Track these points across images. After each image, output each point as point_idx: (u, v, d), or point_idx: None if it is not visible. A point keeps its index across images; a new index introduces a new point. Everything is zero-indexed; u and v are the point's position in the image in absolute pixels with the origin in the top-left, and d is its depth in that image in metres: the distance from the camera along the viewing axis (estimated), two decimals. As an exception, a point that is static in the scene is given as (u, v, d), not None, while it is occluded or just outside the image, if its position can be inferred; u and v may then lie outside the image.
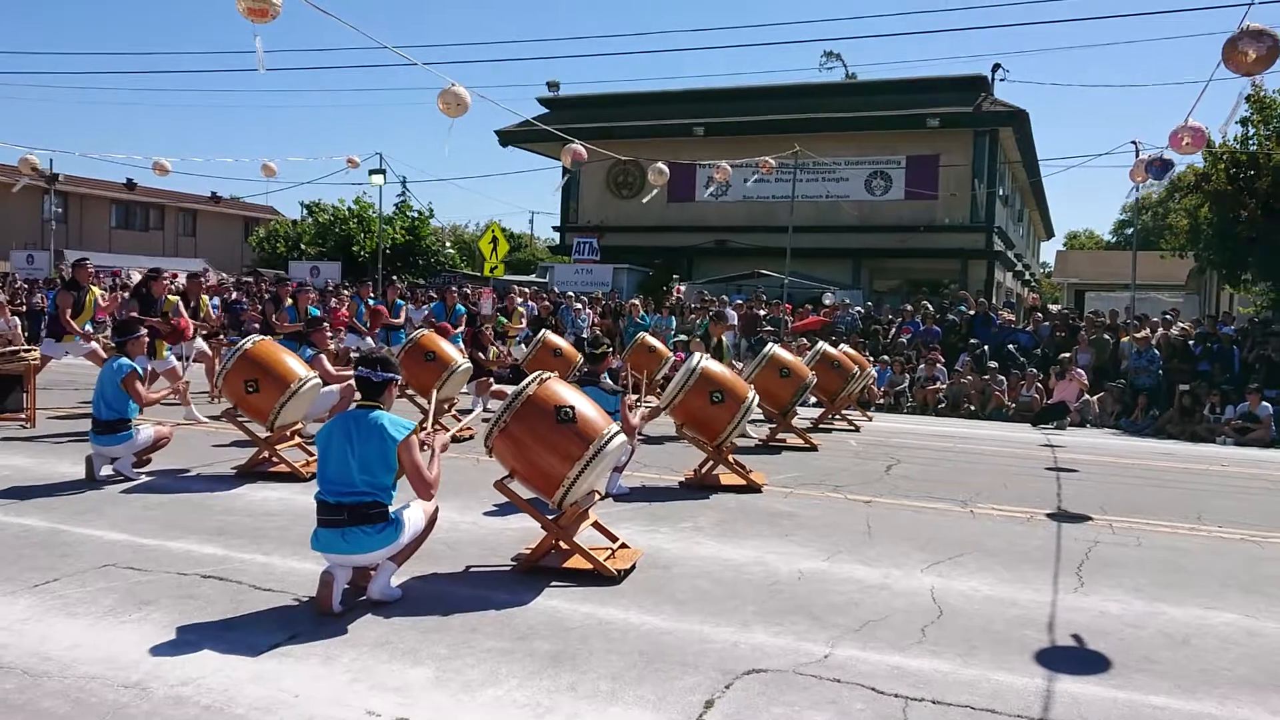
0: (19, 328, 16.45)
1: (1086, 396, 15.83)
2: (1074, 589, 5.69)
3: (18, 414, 10.26)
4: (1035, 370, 16.54)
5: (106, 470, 7.69)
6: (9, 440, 9.37)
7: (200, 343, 12.42)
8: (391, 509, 4.88)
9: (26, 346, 10.82)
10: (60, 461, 8.33)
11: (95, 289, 11.71)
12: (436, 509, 5.19)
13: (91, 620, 4.53)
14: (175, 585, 5.07)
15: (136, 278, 14.62)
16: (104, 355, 10.73)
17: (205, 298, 13.71)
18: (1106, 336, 17.42)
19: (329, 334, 10.82)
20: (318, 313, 13.18)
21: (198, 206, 51.36)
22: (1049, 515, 7.84)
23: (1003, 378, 16.60)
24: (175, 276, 18.77)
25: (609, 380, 7.91)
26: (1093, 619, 5.12)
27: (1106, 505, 8.35)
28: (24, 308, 21.70)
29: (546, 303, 20.61)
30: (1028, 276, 41.83)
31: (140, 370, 7.98)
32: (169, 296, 11.84)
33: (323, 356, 9.92)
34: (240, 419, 8.20)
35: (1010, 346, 17.89)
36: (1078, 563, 6.29)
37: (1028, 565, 6.18)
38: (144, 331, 8.57)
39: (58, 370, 13.66)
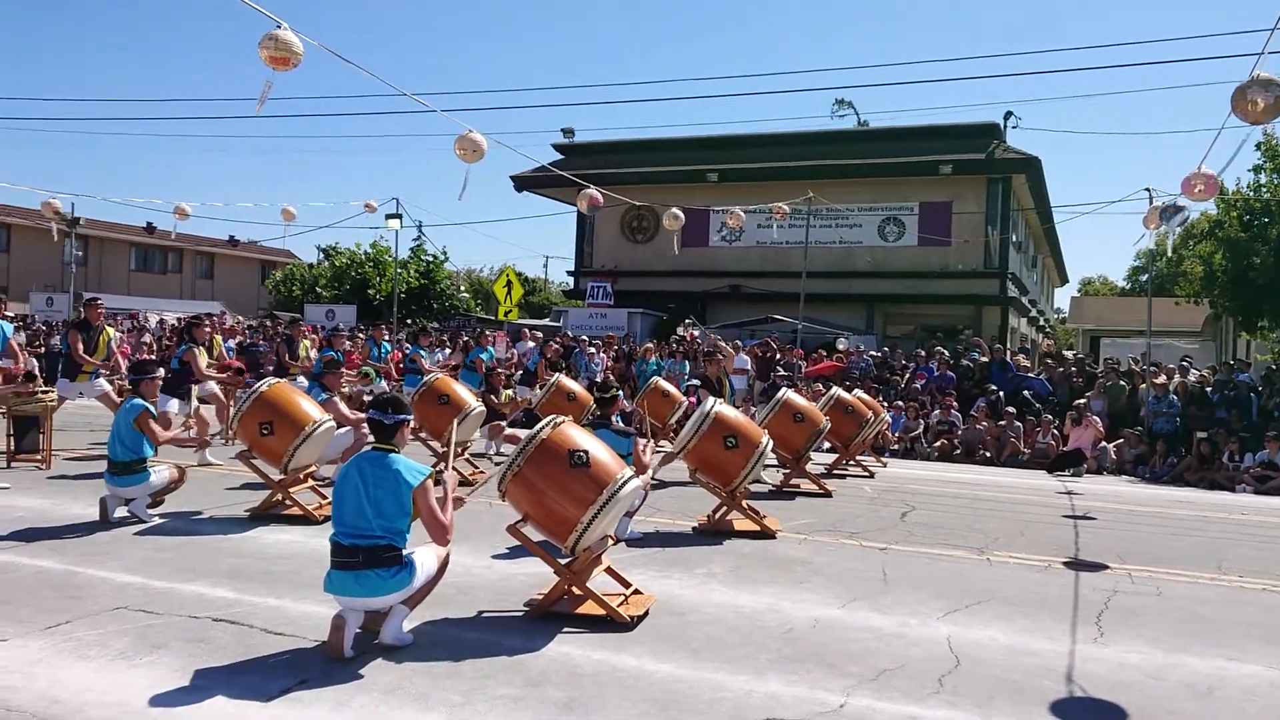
0: (37, 368, 16.54)
1: (1104, 443, 15.71)
2: (1093, 639, 5.60)
3: (34, 455, 10.32)
4: (1051, 417, 16.45)
5: (121, 512, 7.70)
6: (31, 478, 9.41)
7: (211, 385, 12.19)
8: (405, 552, 4.87)
9: (44, 388, 10.86)
10: (74, 503, 8.35)
11: (110, 329, 11.75)
12: (448, 553, 5.17)
13: (103, 663, 4.51)
14: (186, 628, 5.05)
15: (154, 320, 14.72)
16: (116, 398, 10.78)
17: (219, 339, 13.74)
18: (1122, 383, 17.34)
19: (344, 377, 10.86)
20: (341, 356, 13.24)
21: (215, 250, 52.12)
22: (1066, 563, 7.75)
23: (1019, 424, 16.52)
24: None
25: (620, 423, 7.91)
26: (1113, 670, 5.04)
27: (1125, 554, 8.26)
28: (43, 349, 21.90)
29: (558, 346, 20.65)
30: (1042, 322, 41.72)
31: (153, 410, 8.02)
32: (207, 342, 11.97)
33: (336, 399, 9.96)
34: (253, 460, 8.22)
35: (1026, 392, 17.82)
36: (1097, 612, 6.20)
37: (1045, 614, 6.10)
38: (159, 371, 8.63)
39: (73, 411, 13.75)
